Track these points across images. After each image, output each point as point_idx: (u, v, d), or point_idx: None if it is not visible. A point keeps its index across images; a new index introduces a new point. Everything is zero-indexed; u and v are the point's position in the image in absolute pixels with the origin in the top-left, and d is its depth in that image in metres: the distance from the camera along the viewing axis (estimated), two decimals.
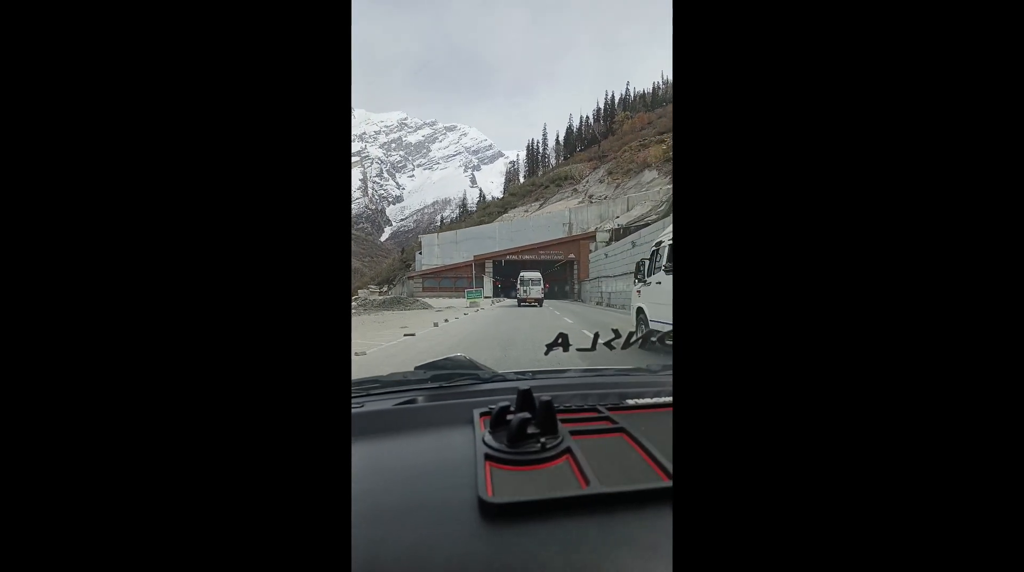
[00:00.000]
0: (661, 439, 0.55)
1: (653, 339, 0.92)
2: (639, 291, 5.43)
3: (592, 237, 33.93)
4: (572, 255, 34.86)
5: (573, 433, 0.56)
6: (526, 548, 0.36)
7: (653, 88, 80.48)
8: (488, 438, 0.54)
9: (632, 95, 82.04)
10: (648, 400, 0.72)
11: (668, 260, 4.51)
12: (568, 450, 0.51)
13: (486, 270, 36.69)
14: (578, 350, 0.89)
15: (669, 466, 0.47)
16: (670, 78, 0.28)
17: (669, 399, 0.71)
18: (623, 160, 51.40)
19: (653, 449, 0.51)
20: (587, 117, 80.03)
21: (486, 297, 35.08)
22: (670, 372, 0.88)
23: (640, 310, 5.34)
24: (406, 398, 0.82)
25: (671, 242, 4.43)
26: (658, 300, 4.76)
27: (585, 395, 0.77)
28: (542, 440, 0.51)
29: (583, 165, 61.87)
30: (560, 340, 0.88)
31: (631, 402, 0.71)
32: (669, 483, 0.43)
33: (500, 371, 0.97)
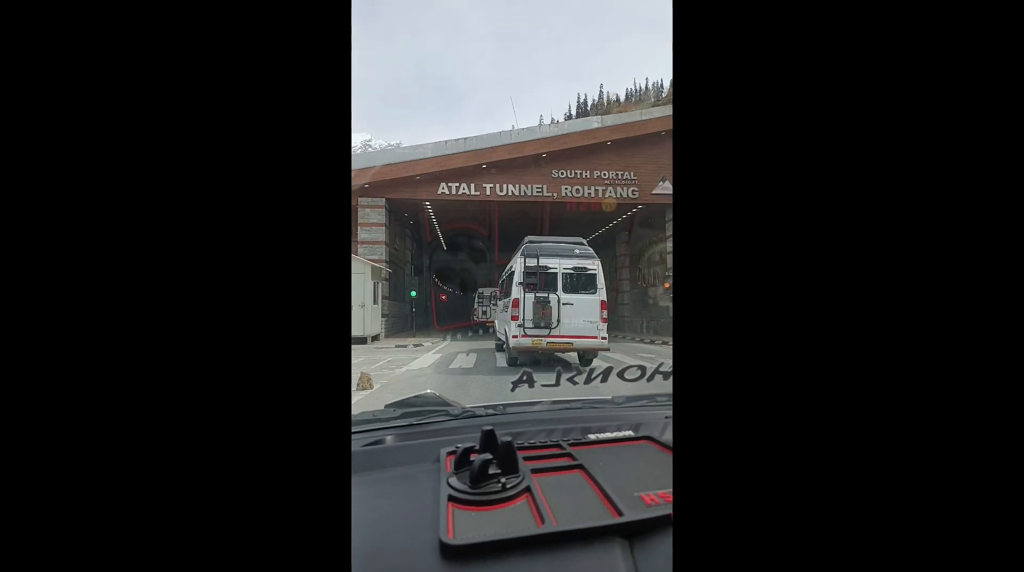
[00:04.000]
0: (617, 474, 0.59)
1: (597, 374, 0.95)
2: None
3: None
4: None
5: (534, 471, 0.59)
6: None
7: (626, 94, 75.15)
8: (452, 479, 0.55)
9: (606, 99, 74.23)
10: (609, 435, 0.75)
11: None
12: (527, 489, 0.53)
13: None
14: (543, 386, 0.93)
15: (619, 503, 0.50)
16: (643, 85, 0.23)
17: (629, 433, 0.76)
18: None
19: (607, 486, 0.54)
20: (557, 120, 75.35)
21: (376, 341, 8.53)
22: (632, 405, 0.97)
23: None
24: (374, 438, 0.82)
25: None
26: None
27: (551, 430, 0.81)
28: (503, 480, 0.54)
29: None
30: (524, 376, 0.92)
31: (592, 437, 0.75)
32: (618, 519, 0.47)
33: (469, 406, 0.99)
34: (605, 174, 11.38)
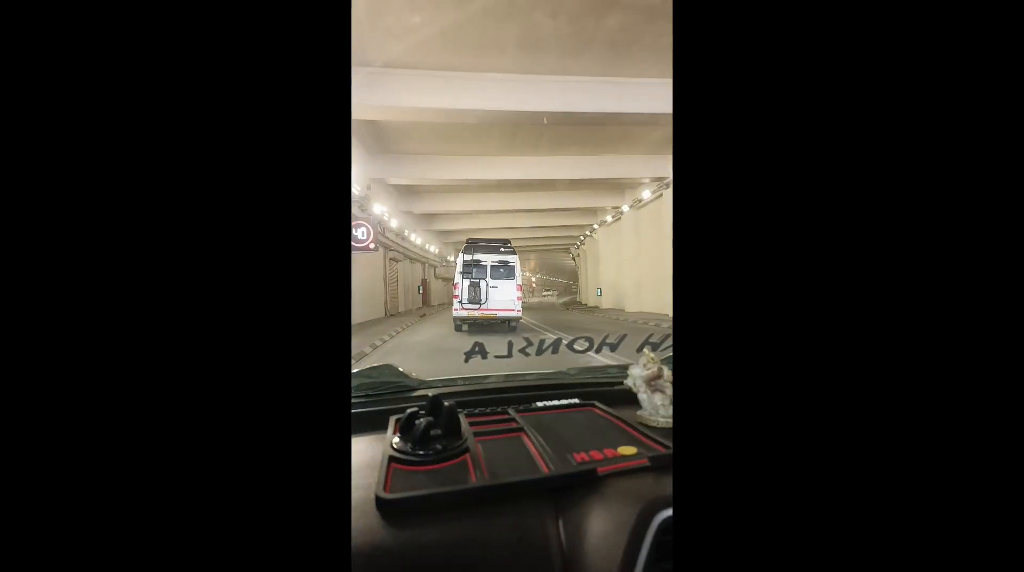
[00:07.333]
0: (557, 437, 0.62)
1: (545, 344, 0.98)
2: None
3: None
4: None
5: (477, 435, 0.62)
6: (406, 533, 0.42)
7: None
8: (396, 442, 0.58)
9: None
10: (555, 402, 0.79)
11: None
12: (467, 450, 0.56)
13: None
14: (496, 357, 0.94)
15: (550, 461, 0.53)
16: None
17: (575, 400, 0.80)
18: None
19: (543, 447, 0.57)
20: None
21: None
22: (584, 376, 1.01)
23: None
24: None
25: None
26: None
27: (502, 399, 0.83)
28: (443, 442, 0.57)
29: None
30: (476, 348, 0.94)
31: (540, 404, 0.78)
32: (547, 473, 0.50)
33: (427, 380, 1.00)
34: None
